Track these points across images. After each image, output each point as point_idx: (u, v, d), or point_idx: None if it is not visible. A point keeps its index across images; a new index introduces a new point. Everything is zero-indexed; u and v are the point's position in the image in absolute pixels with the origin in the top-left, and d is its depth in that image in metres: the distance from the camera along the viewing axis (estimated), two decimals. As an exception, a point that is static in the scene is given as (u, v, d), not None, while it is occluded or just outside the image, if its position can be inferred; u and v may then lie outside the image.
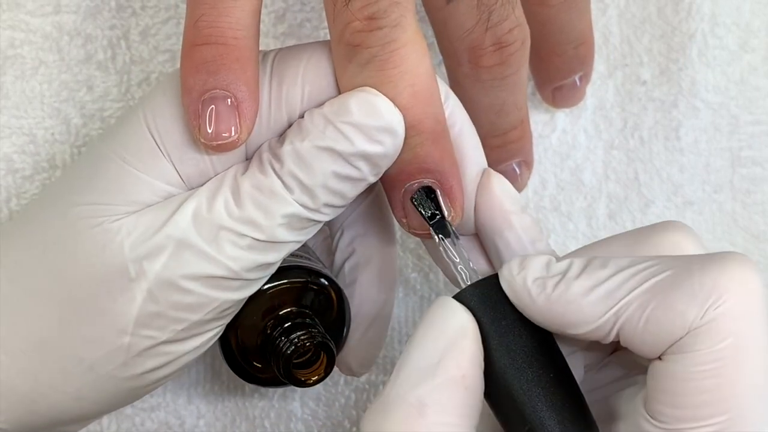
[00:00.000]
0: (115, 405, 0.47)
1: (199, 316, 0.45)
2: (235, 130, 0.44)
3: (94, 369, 0.45)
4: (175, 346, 0.45)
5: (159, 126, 0.45)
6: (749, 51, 0.61)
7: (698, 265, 0.41)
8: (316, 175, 0.44)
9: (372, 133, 0.44)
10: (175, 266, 0.44)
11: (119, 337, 0.44)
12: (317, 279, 0.51)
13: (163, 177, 0.45)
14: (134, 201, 0.45)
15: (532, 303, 0.42)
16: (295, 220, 0.44)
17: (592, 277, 0.42)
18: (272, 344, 0.50)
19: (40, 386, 0.45)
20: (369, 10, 0.43)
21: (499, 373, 0.42)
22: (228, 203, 0.44)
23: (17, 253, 0.46)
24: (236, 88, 0.43)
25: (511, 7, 0.50)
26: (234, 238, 0.44)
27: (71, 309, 0.44)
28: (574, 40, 0.56)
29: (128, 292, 0.44)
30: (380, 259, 0.53)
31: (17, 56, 0.56)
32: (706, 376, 0.40)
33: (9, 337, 0.45)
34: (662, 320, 0.40)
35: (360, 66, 0.44)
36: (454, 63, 0.51)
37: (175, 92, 0.45)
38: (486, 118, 0.52)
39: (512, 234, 0.47)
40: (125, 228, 0.44)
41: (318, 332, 0.49)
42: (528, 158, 0.57)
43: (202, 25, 0.44)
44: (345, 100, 0.44)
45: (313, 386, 0.50)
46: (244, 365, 0.51)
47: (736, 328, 0.40)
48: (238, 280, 0.45)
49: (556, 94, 0.59)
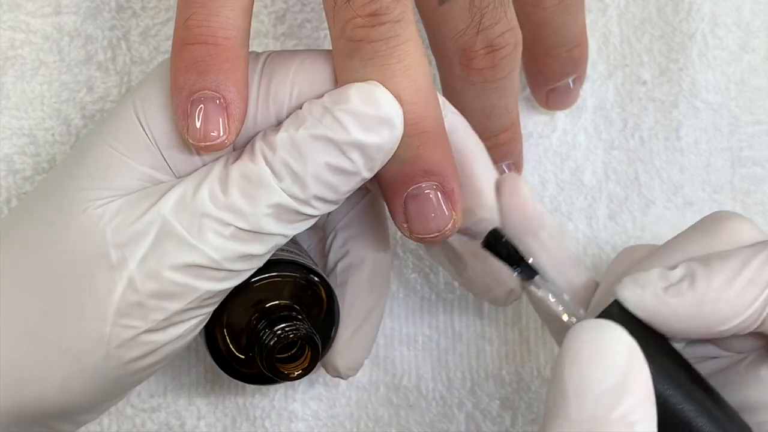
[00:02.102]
0: (102, 396, 0.47)
1: (181, 305, 0.44)
2: (223, 130, 0.44)
3: (79, 359, 0.45)
4: (157, 335, 0.45)
5: (147, 114, 0.45)
6: (749, 51, 0.61)
7: None
8: (308, 164, 0.43)
9: (369, 122, 0.43)
10: (156, 254, 0.43)
11: (101, 327, 0.44)
12: (307, 275, 0.50)
13: (149, 163, 0.45)
14: (120, 186, 0.44)
15: (673, 313, 0.43)
16: (283, 211, 0.44)
17: (725, 270, 0.42)
18: (257, 336, 0.49)
19: (26, 376, 0.45)
20: (371, 6, 0.43)
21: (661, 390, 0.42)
22: (213, 191, 0.44)
23: (10, 243, 0.46)
24: (225, 89, 0.43)
25: (504, 10, 0.50)
26: (217, 227, 0.44)
27: (56, 298, 0.44)
28: (568, 43, 0.56)
29: (109, 280, 0.44)
30: (373, 262, 0.53)
31: (18, 57, 0.56)
32: None
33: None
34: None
35: (362, 62, 0.44)
36: (446, 65, 0.51)
37: (165, 82, 0.45)
38: (476, 121, 0.52)
39: (546, 233, 0.48)
40: (108, 213, 0.44)
41: (303, 325, 0.49)
42: (518, 160, 0.57)
43: (192, 24, 0.43)
44: (345, 89, 0.44)
45: (297, 380, 0.49)
46: (229, 360, 0.51)
47: None
48: (220, 270, 0.44)
49: (550, 97, 0.59)
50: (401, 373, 0.60)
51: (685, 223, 0.49)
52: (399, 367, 0.60)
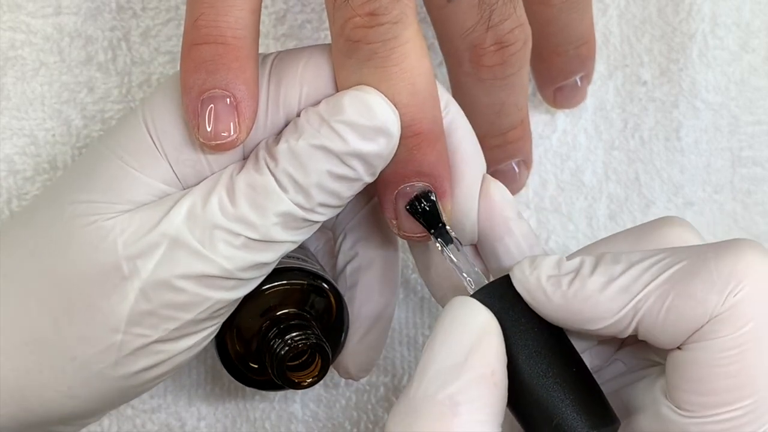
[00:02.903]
0: (107, 404, 0.47)
1: (192, 315, 0.45)
2: (234, 129, 0.44)
3: (87, 367, 0.45)
4: (168, 345, 0.45)
5: (158, 126, 0.45)
6: (749, 51, 0.61)
7: (712, 253, 0.41)
8: (311, 174, 0.44)
9: (365, 132, 0.43)
10: (168, 265, 0.44)
11: (111, 336, 0.44)
12: (316, 281, 0.51)
13: (159, 176, 0.45)
14: (130, 200, 0.44)
15: (548, 301, 0.43)
16: (290, 219, 0.44)
17: (607, 273, 0.42)
18: (267, 345, 0.49)
19: (32, 383, 0.45)
20: (370, 6, 0.43)
21: (521, 371, 0.42)
22: (222, 201, 0.44)
23: (13, 251, 0.46)
24: (235, 88, 0.43)
25: (513, 7, 0.50)
26: (228, 237, 0.44)
27: (64, 306, 0.44)
28: (575, 41, 0.56)
29: (121, 290, 0.44)
30: (382, 263, 0.53)
31: (18, 58, 0.56)
32: (731, 361, 0.40)
33: (2, 335, 0.45)
34: (683, 309, 0.41)
35: (359, 62, 0.44)
36: (455, 62, 0.51)
37: (175, 93, 0.45)
38: (486, 118, 0.52)
39: (512, 240, 0.47)
40: (119, 226, 0.44)
41: (313, 333, 0.49)
42: (527, 158, 0.57)
43: (201, 24, 0.43)
44: (339, 98, 0.44)
45: (308, 388, 0.50)
46: (240, 367, 0.51)
47: (756, 312, 0.40)
48: (232, 279, 0.45)
49: (558, 95, 0.59)
50: (401, 374, 0.60)
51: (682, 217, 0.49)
52: (399, 368, 0.60)
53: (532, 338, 0.43)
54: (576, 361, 0.43)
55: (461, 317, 0.42)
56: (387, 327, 0.54)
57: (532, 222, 0.60)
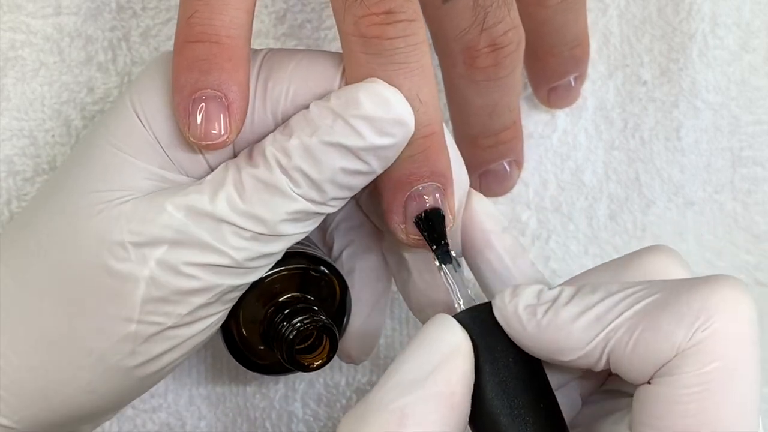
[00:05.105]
0: (126, 397, 0.47)
1: (204, 299, 0.45)
2: (224, 129, 0.44)
3: (104, 360, 0.45)
4: (182, 330, 0.45)
5: (147, 112, 0.45)
6: (750, 51, 0.61)
7: (687, 287, 0.40)
8: (325, 171, 0.43)
9: (383, 125, 0.43)
10: (177, 254, 0.44)
11: (126, 325, 0.44)
12: (319, 266, 0.51)
13: (156, 162, 0.45)
14: (131, 186, 0.44)
15: (522, 330, 0.42)
16: (302, 215, 0.44)
17: (582, 303, 0.41)
18: (275, 330, 0.49)
19: (51, 382, 0.45)
20: (386, 5, 0.43)
21: (488, 398, 0.42)
22: (232, 198, 0.44)
23: (20, 250, 0.46)
24: (228, 88, 0.43)
25: (507, 9, 0.50)
26: (237, 230, 0.44)
27: (77, 301, 0.44)
28: (570, 42, 0.56)
29: (131, 279, 0.44)
30: (378, 248, 0.53)
31: (18, 58, 0.56)
32: (692, 399, 0.39)
33: (17, 336, 0.45)
34: (650, 342, 0.40)
35: (382, 58, 0.43)
36: (449, 63, 0.51)
37: (162, 77, 0.45)
38: (479, 119, 0.52)
39: (493, 254, 0.47)
40: (124, 215, 0.44)
41: (321, 316, 0.49)
42: (519, 157, 0.57)
43: (195, 22, 0.43)
44: (353, 92, 0.43)
45: (317, 370, 0.50)
46: (245, 352, 0.52)
47: (724, 351, 0.39)
48: (241, 268, 0.45)
49: (552, 95, 0.59)
50: (402, 374, 0.60)
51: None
52: (399, 368, 0.60)
53: (505, 367, 0.42)
54: (546, 396, 0.43)
55: (435, 334, 0.42)
56: (385, 310, 0.54)
57: (532, 222, 0.60)
